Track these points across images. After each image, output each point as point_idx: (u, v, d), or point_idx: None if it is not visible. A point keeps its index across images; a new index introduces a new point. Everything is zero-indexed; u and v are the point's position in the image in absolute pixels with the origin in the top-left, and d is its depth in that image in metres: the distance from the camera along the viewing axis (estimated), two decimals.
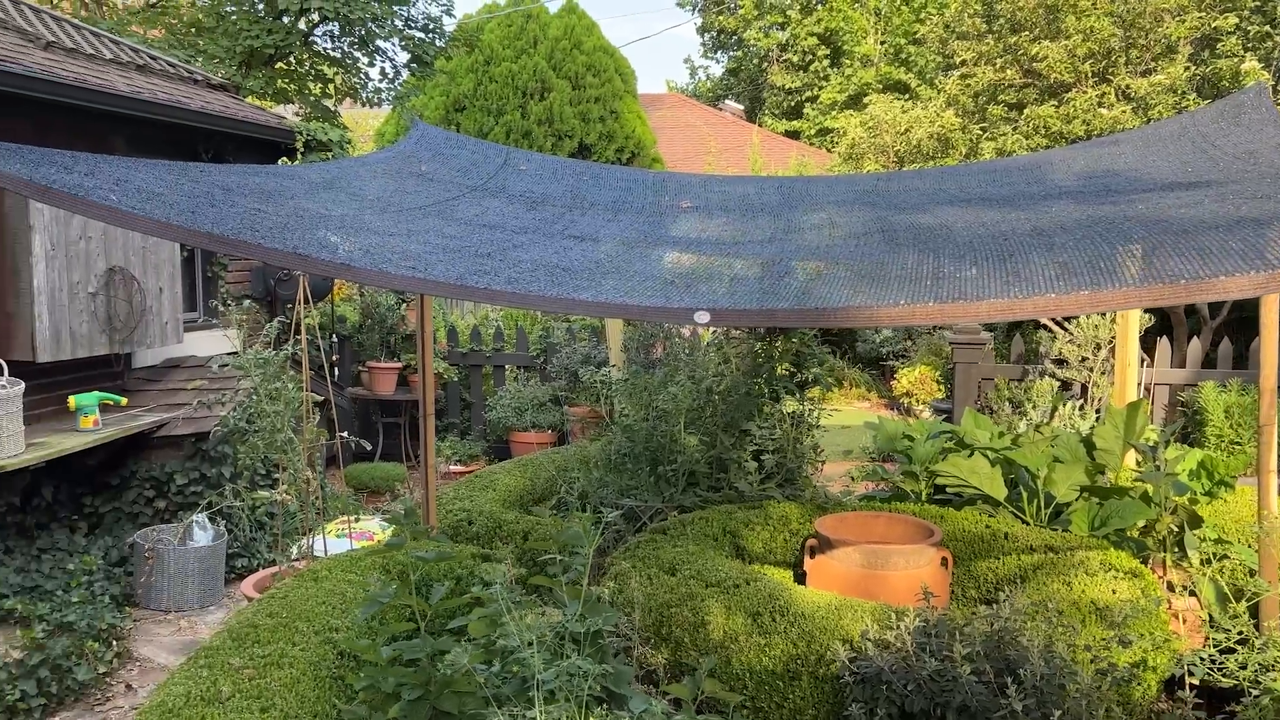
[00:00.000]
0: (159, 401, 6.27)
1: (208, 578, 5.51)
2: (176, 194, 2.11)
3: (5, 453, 4.94)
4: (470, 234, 2.47)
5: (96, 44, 6.75)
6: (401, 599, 2.88)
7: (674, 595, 3.66)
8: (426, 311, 4.23)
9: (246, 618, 3.30)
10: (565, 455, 5.83)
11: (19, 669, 4.16)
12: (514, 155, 3.61)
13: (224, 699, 2.73)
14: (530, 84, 15.27)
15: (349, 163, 3.19)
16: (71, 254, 5.52)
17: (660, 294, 2.04)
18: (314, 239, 2.01)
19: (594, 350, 8.46)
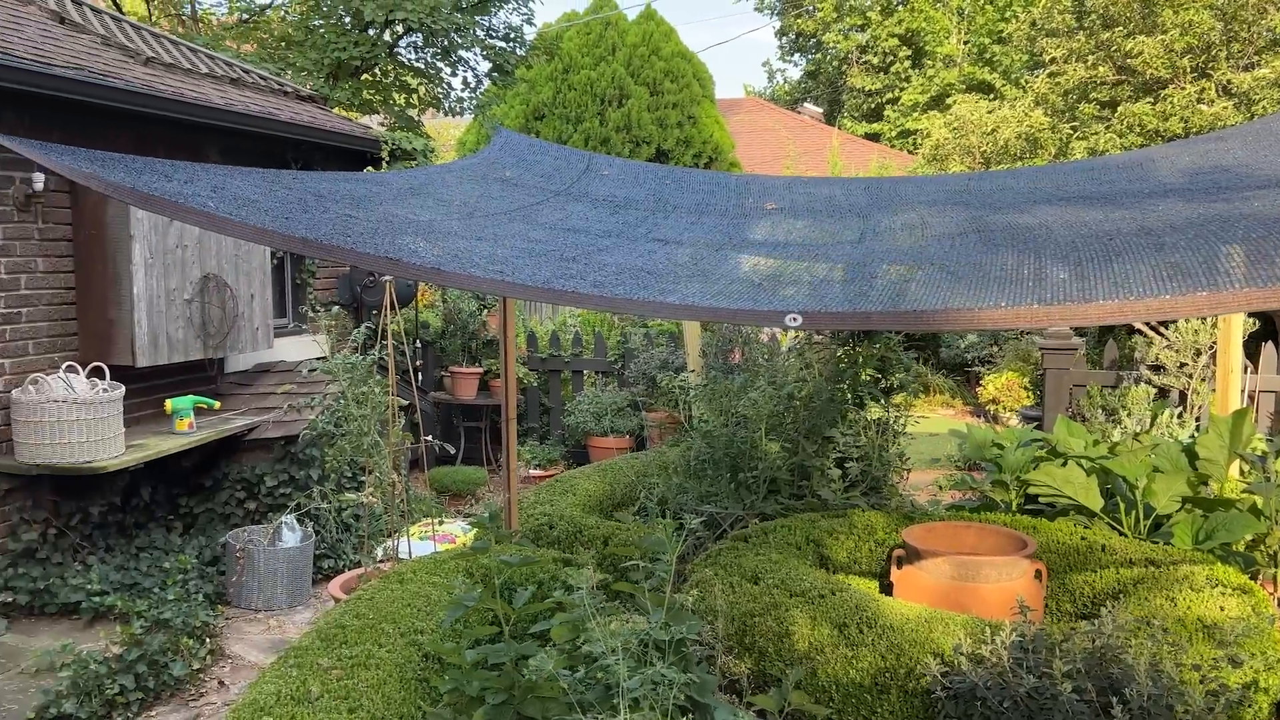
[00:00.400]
0: (250, 405, 6.43)
1: (296, 578, 5.63)
2: (271, 200, 2.14)
3: (106, 454, 5.12)
4: (555, 238, 2.47)
5: (193, 59, 6.98)
6: (485, 603, 2.89)
7: (757, 604, 3.61)
8: (509, 317, 4.25)
9: (334, 619, 3.35)
10: (644, 461, 5.81)
11: (118, 664, 4.29)
12: (596, 160, 3.61)
13: (313, 699, 2.76)
14: (608, 91, 15.34)
15: (435, 169, 3.22)
16: (169, 262, 5.71)
17: (748, 297, 2.00)
18: (403, 244, 2.02)
19: (671, 355, 8.43)
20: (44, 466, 5.00)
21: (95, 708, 4.10)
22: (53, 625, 4.94)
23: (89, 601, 4.93)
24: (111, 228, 5.46)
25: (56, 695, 4.02)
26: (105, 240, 5.48)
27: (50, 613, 5.02)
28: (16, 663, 4.52)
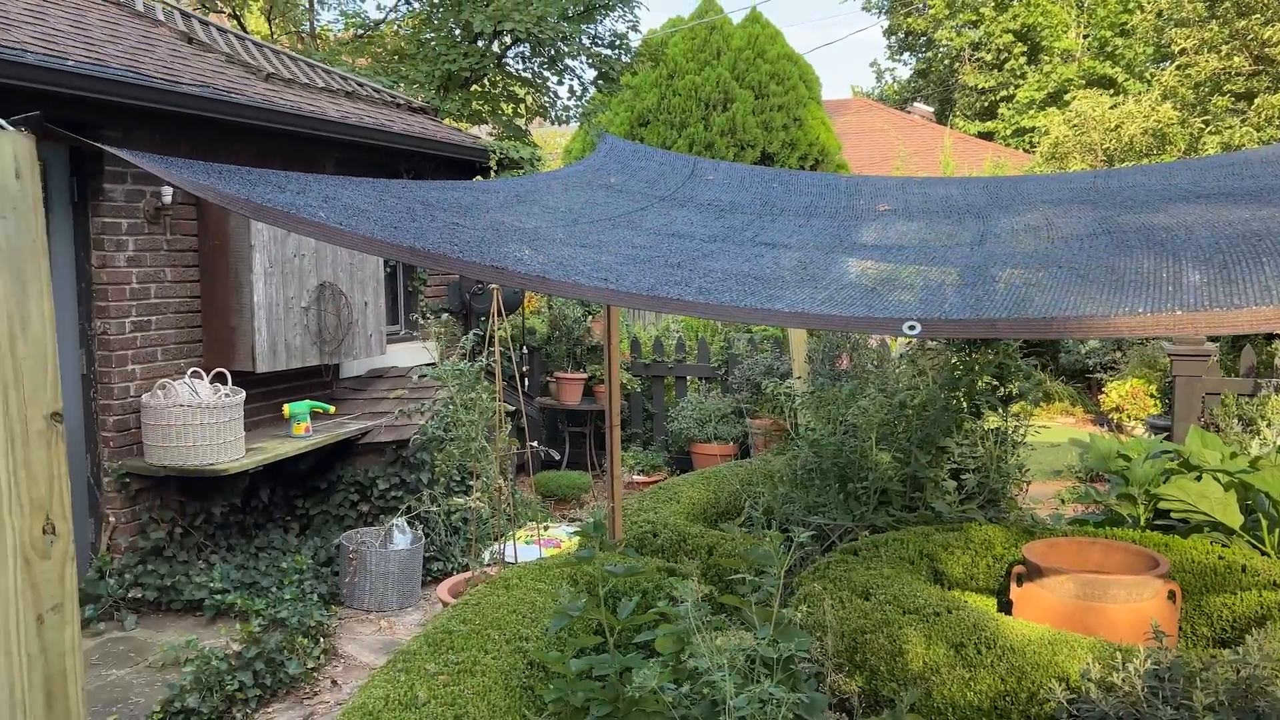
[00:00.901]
0: (363, 410, 6.60)
1: (406, 580, 5.73)
2: (381, 209, 2.16)
3: (228, 457, 5.31)
4: (659, 244, 2.42)
5: (310, 74, 7.21)
6: (590, 613, 2.86)
7: (868, 621, 3.49)
8: (613, 324, 4.23)
9: (441, 623, 3.38)
10: (749, 469, 5.72)
11: (237, 661, 4.43)
12: (701, 165, 3.56)
13: (420, 704, 2.78)
14: (713, 95, 15.28)
15: (541, 177, 3.23)
16: (287, 271, 5.90)
17: (861, 303, 1.92)
18: (509, 252, 2.00)
19: (776, 361, 8.31)
20: (170, 468, 5.21)
21: (216, 703, 4.24)
22: (178, 621, 5.15)
23: (211, 599, 5.11)
24: (234, 238, 5.68)
25: (180, 690, 4.17)
26: (228, 250, 5.70)
27: (176, 609, 5.23)
28: (144, 657, 4.71)
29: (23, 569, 1.76)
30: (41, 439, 1.79)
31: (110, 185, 5.19)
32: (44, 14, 5.36)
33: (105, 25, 5.83)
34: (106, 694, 4.33)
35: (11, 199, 1.75)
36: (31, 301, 1.78)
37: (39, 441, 1.79)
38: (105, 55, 5.03)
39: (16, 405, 1.76)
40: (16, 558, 1.76)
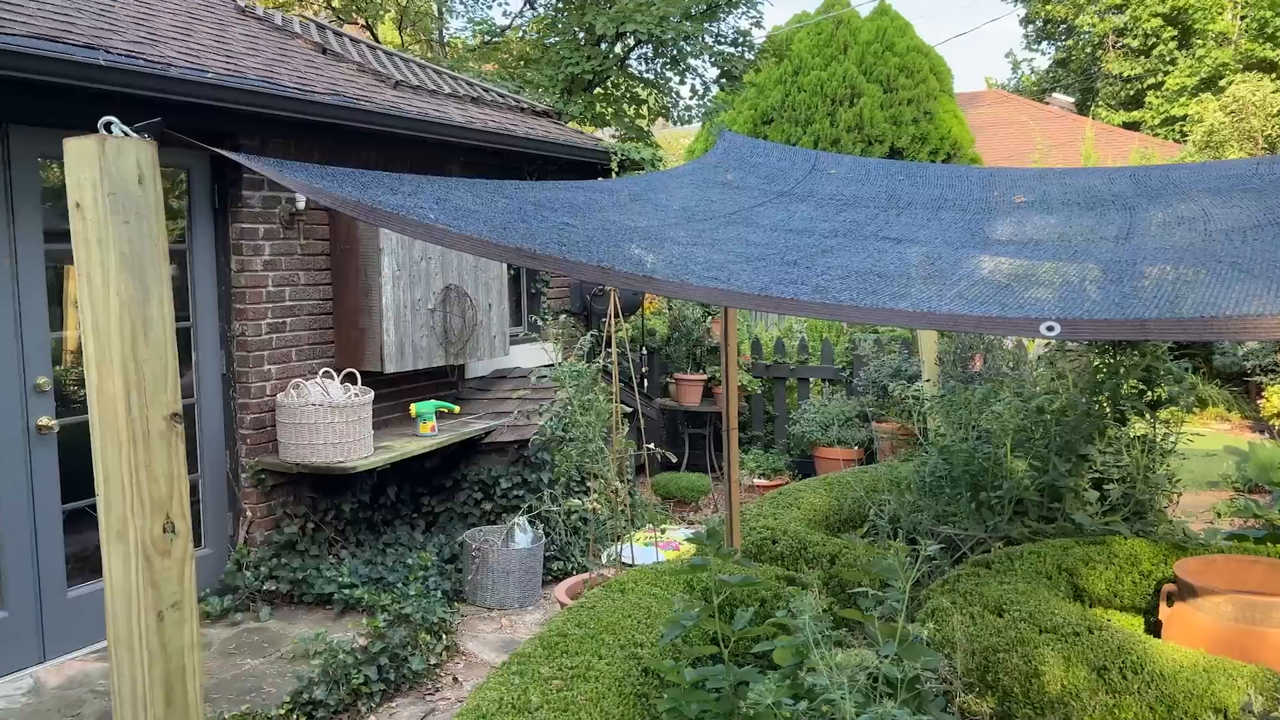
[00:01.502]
0: (487, 410, 6.69)
1: (527, 578, 5.77)
2: (491, 210, 2.14)
3: (357, 455, 5.45)
4: (775, 240, 2.33)
5: (437, 80, 7.37)
6: (704, 623, 2.78)
7: (1001, 639, 3.29)
8: (731, 324, 4.13)
9: (557, 626, 3.36)
10: (874, 475, 5.53)
11: (363, 655, 4.53)
12: (823, 159, 3.43)
13: (532, 708, 2.76)
14: (839, 91, 14.95)
15: (657, 175, 3.17)
16: (414, 274, 6.02)
17: (994, 302, 1.78)
18: (618, 251, 1.95)
19: (905, 363, 8.03)
20: (303, 465, 5.39)
21: (342, 696, 4.34)
22: (309, 614, 5.31)
23: (340, 594, 5.26)
24: (363, 242, 5.83)
25: (309, 682, 4.29)
26: (358, 254, 5.86)
27: (307, 602, 5.40)
28: (277, 648, 4.88)
29: (143, 566, 1.80)
30: (161, 439, 1.83)
31: (248, 192, 5.41)
32: (190, 30, 5.63)
33: (246, 39, 6.08)
34: (241, 683, 4.50)
35: (135, 204, 1.79)
36: (153, 304, 1.82)
37: (159, 442, 1.82)
38: (244, 67, 5.23)
39: (138, 406, 1.80)
40: (138, 555, 1.80)
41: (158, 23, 5.41)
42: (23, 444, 4.52)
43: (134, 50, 4.59)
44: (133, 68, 4.37)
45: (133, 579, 1.81)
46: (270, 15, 7.11)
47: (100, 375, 1.80)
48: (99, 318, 1.79)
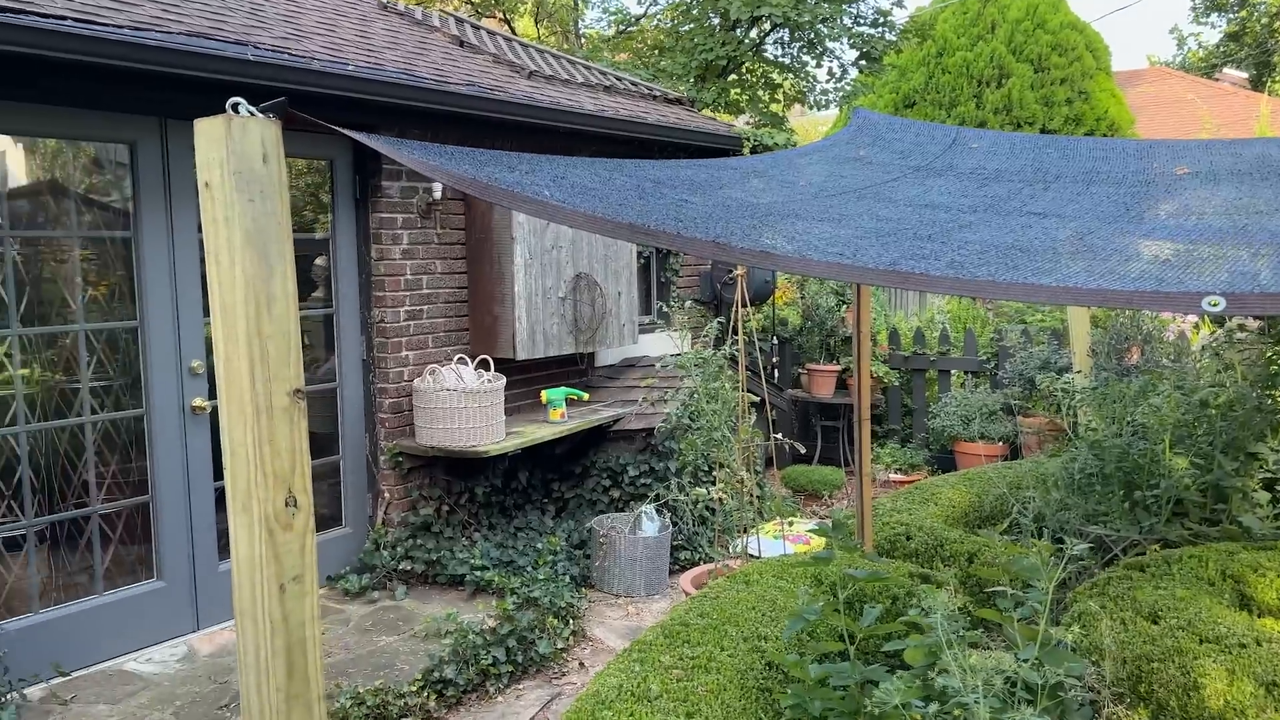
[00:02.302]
0: (615, 398, 6.70)
1: (654, 567, 5.75)
2: (608, 188, 2.10)
3: (489, 439, 5.54)
4: (909, 215, 2.20)
5: (570, 70, 7.41)
6: (830, 618, 2.67)
7: (1155, 648, 3.05)
8: (864, 310, 3.98)
9: (679, 615, 3.31)
10: (1018, 471, 5.25)
11: (492, 636, 4.60)
12: (964, 134, 3.25)
13: (652, 697, 2.71)
14: (986, 71, 14.34)
15: (784, 153, 3.07)
16: (545, 262, 6.08)
17: (1150, 277, 1.61)
18: (735, 228, 1.87)
19: (1054, 354, 7.62)
20: (438, 449, 5.51)
21: (471, 676, 4.42)
22: (442, 594, 5.44)
23: (472, 575, 5.36)
24: (497, 231, 5.92)
25: (440, 661, 4.38)
26: (491, 243, 5.96)
27: (440, 582, 5.53)
28: (410, 626, 5.01)
29: (266, 539, 1.83)
30: (284, 414, 1.86)
31: (387, 183, 5.56)
32: (334, 26, 5.83)
33: (387, 34, 6.26)
34: (376, 658, 4.64)
35: (259, 182, 1.82)
36: (276, 281, 1.85)
37: (282, 417, 1.85)
38: (383, 60, 5.38)
39: (262, 382, 1.83)
40: (261, 528, 1.83)
41: (303, 20, 5.62)
42: (179, 423, 4.78)
43: (280, 46, 4.78)
44: (278, 62, 4.55)
45: (256, 551, 1.84)
46: (410, 11, 7.30)
47: (227, 351, 1.85)
48: (225, 294, 1.83)
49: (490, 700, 4.44)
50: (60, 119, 4.31)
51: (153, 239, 4.65)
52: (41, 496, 4.40)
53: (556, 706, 4.43)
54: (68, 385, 4.49)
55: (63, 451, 4.48)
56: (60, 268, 4.45)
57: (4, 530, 4.27)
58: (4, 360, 4.27)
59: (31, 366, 4.37)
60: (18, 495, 4.31)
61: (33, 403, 4.37)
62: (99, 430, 4.58)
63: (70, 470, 4.50)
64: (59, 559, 4.47)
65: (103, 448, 4.60)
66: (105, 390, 4.61)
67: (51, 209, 4.42)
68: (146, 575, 4.74)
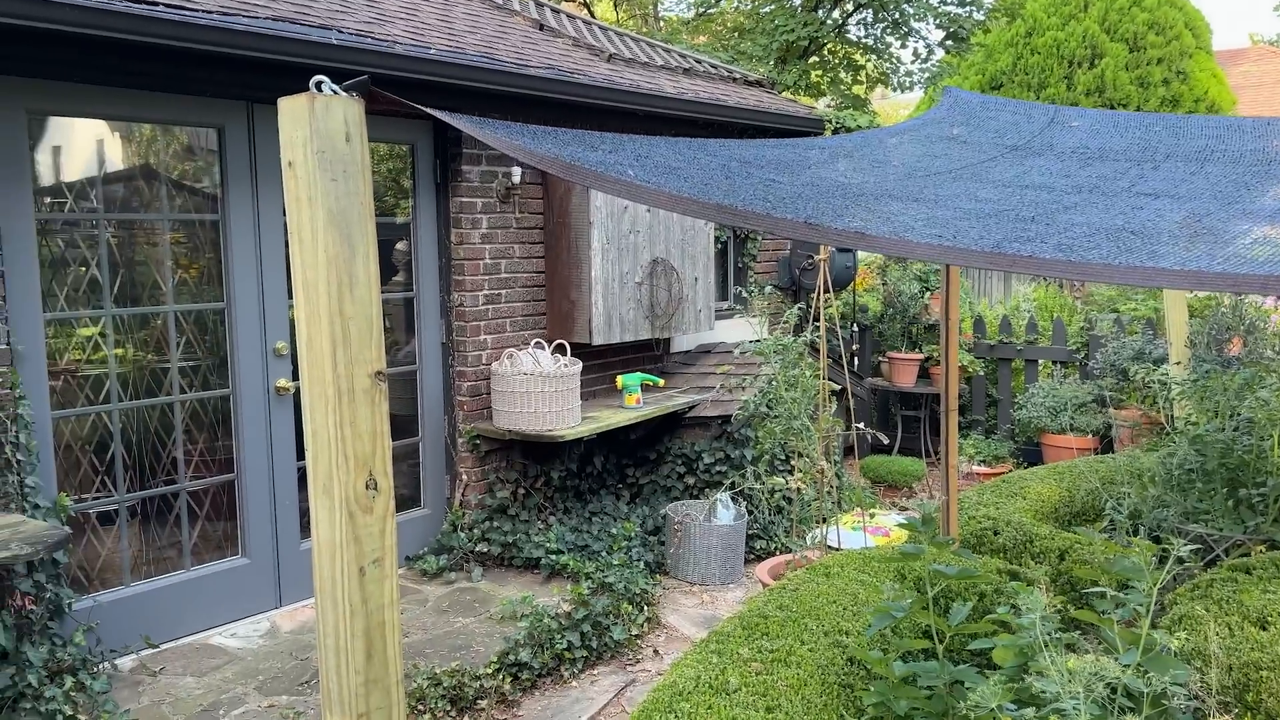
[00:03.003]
0: (691, 384, 6.64)
1: (729, 555, 5.69)
2: (693, 168, 2.03)
3: (565, 424, 5.53)
4: (1008, 197, 2.09)
5: (650, 53, 7.34)
6: (916, 615, 2.58)
7: (1265, 655, 2.88)
8: (953, 297, 3.85)
9: (757, 607, 3.24)
10: (1111, 465, 5.04)
11: (567, 621, 4.59)
12: (1063, 112, 3.10)
13: (730, 690, 2.66)
14: (1078, 51, 13.84)
15: (874, 132, 2.97)
16: (622, 247, 6.04)
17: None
18: (828, 208, 1.80)
19: (1149, 345, 7.31)
20: (515, 433, 5.52)
21: (546, 659, 4.42)
22: (518, 577, 5.46)
23: (547, 559, 5.36)
24: (574, 215, 5.90)
25: (515, 644, 4.39)
26: (569, 228, 5.94)
27: (516, 565, 5.55)
28: (487, 608, 5.03)
29: (347, 522, 1.82)
30: (366, 396, 1.84)
31: (467, 167, 5.57)
32: (416, 10, 5.85)
33: (467, 18, 6.27)
34: (452, 640, 4.67)
35: (342, 162, 1.80)
36: (358, 262, 1.83)
37: (364, 399, 1.84)
38: (464, 44, 5.38)
39: (344, 363, 1.81)
40: (342, 510, 1.82)
41: (386, 4, 5.65)
42: (263, 404, 4.87)
43: (363, 30, 4.80)
44: (361, 45, 4.57)
45: (337, 534, 1.83)
46: None
47: (309, 331, 1.83)
48: (308, 274, 1.82)
49: (564, 685, 4.44)
50: (152, 103, 4.40)
51: (239, 222, 4.73)
52: (133, 473, 4.52)
53: (631, 694, 4.40)
54: (158, 365, 4.61)
55: (153, 429, 4.60)
56: (152, 250, 4.56)
57: (98, 505, 4.41)
58: (99, 340, 4.39)
59: (125, 346, 4.49)
60: (110, 471, 4.44)
61: (125, 381, 4.49)
62: (187, 409, 4.69)
63: (160, 448, 4.62)
64: (149, 534, 4.60)
65: (190, 426, 4.71)
66: (193, 370, 4.71)
67: (144, 193, 4.53)
68: (232, 552, 4.85)
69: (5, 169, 3.95)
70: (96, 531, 4.43)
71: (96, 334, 4.39)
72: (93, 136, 4.33)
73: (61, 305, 4.26)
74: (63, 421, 4.27)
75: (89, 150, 4.33)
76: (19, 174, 4.00)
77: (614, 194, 1.72)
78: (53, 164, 4.23)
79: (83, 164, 4.32)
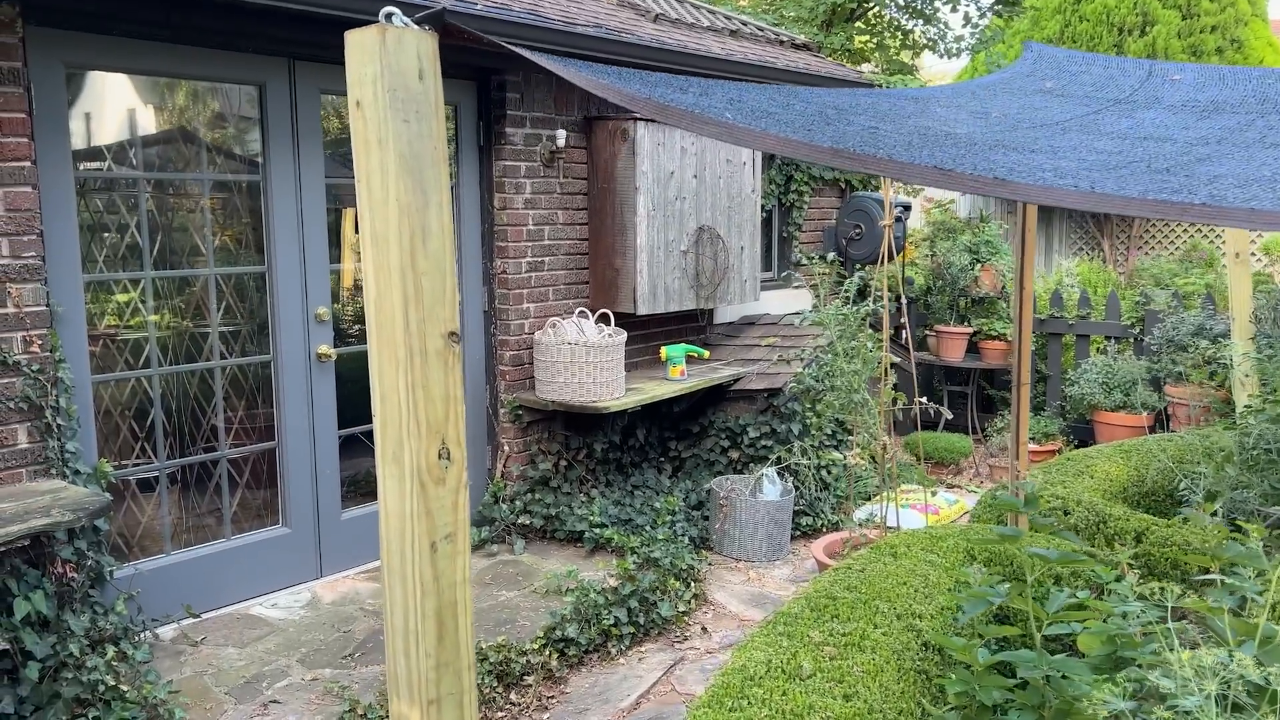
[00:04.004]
0: (735, 356, 6.48)
1: (775, 532, 5.55)
2: (789, 114, 1.87)
3: (609, 395, 5.39)
4: (1129, 149, 1.92)
5: (695, 14, 7.12)
6: (1016, 602, 2.42)
7: None
8: (1028, 263, 3.66)
9: (823, 588, 3.10)
10: (1180, 444, 4.84)
11: (614, 596, 4.47)
12: (1161, 67, 2.89)
13: (804, 676, 2.52)
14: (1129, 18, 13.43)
15: (957, 85, 2.78)
16: (668, 214, 5.86)
17: None
18: (945, 156, 1.63)
19: (1209, 320, 7.06)
20: (558, 403, 5.39)
21: (593, 635, 4.30)
22: (560, 550, 5.34)
23: (590, 532, 5.24)
24: (620, 180, 5.72)
25: (561, 619, 4.28)
26: (614, 194, 5.76)
27: (559, 538, 5.43)
28: (530, 582, 4.92)
29: (418, 493, 1.69)
30: (439, 359, 1.70)
31: (511, 130, 5.41)
32: None
33: None
34: (497, 614, 4.56)
35: (415, 101, 1.65)
36: (432, 212, 1.68)
37: (436, 361, 1.69)
38: (509, 1, 5.20)
39: (416, 322, 1.67)
40: (413, 481, 1.68)
41: None
42: (304, 370, 4.76)
43: None
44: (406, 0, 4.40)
45: (407, 506, 1.70)
46: None
47: (378, 288, 1.69)
48: (377, 225, 1.67)
49: (612, 662, 4.33)
50: (191, 58, 4.26)
51: (280, 183, 4.60)
52: (173, 439, 4.43)
53: (680, 671, 4.28)
54: (198, 330, 4.50)
55: (193, 395, 4.50)
56: (191, 213, 4.44)
57: (138, 471, 4.32)
58: (139, 304, 4.29)
59: (164, 311, 4.39)
60: (150, 437, 4.35)
61: (165, 346, 4.39)
62: (227, 375, 4.58)
63: (200, 414, 4.53)
64: (189, 502, 4.51)
65: (230, 393, 4.60)
66: (233, 335, 4.61)
67: (184, 154, 4.40)
68: (273, 521, 4.76)
69: (43, 126, 3.83)
70: (136, 499, 4.34)
71: (136, 298, 4.28)
72: (132, 95, 4.21)
73: (100, 268, 4.15)
74: (102, 386, 4.18)
75: (127, 110, 4.20)
76: (57, 131, 3.88)
77: (712, 136, 1.56)
78: (91, 124, 4.11)
79: (121, 124, 4.20)
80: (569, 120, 5.72)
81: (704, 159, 6.08)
